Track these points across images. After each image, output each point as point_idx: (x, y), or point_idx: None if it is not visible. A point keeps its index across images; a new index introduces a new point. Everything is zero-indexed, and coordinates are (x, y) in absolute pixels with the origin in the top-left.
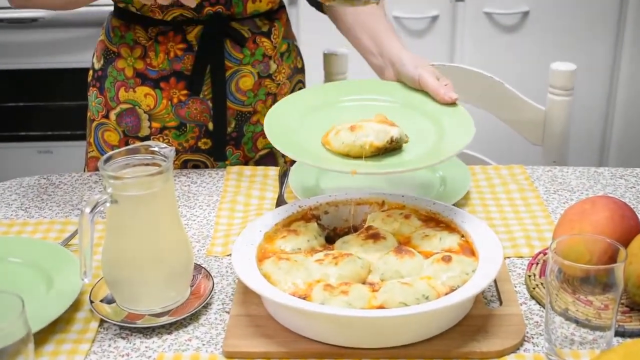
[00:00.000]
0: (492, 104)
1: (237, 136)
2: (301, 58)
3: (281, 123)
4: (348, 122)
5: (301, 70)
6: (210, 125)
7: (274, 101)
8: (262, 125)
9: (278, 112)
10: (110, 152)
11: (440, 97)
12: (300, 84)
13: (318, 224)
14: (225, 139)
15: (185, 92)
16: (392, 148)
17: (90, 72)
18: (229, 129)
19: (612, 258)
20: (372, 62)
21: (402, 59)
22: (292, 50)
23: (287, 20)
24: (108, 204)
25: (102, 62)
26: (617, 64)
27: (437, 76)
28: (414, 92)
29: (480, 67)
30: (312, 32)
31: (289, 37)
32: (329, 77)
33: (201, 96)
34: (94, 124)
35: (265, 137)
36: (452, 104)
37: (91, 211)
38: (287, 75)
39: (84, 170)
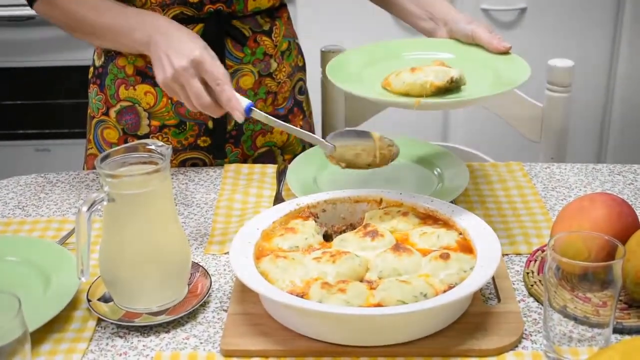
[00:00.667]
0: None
1: (236, 134)
2: (302, 56)
3: (343, 69)
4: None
5: (302, 68)
6: (210, 124)
7: (274, 100)
8: (262, 123)
9: (340, 60)
10: (108, 151)
11: (494, 47)
12: (301, 82)
13: (316, 221)
14: (224, 137)
15: None
16: (452, 88)
17: (91, 69)
18: (229, 127)
19: (611, 255)
20: (421, 26)
21: (455, 17)
22: (292, 49)
23: (288, 18)
24: (105, 203)
25: (102, 59)
26: (614, 60)
27: (489, 30)
28: (469, 46)
29: None
30: (309, 30)
31: (290, 35)
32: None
33: None
34: (94, 121)
35: (264, 135)
36: (506, 53)
37: (88, 209)
38: (288, 74)
39: (83, 168)
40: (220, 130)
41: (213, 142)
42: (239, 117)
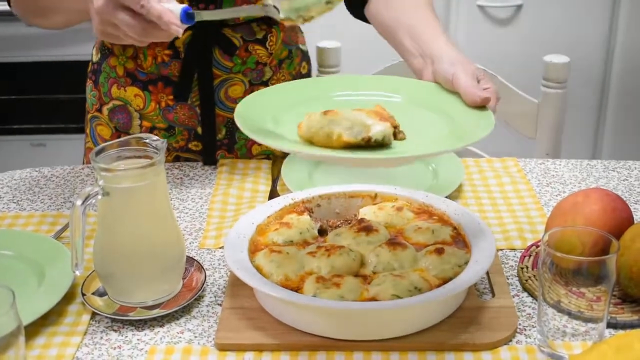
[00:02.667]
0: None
1: (229, 142)
2: (307, 63)
3: (257, 110)
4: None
5: (306, 76)
6: (199, 130)
7: None
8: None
9: (252, 100)
10: (102, 145)
11: (469, 99)
12: None
13: (310, 216)
14: (215, 144)
15: (172, 97)
16: (370, 147)
17: (90, 63)
18: (220, 136)
19: (605, 250)
20: (412, 63)
21: (442, 55)
22: (295, 57)
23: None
24: (100, 196)
25: (99, 56)
26: (610, 56)
27: (477, 77)
28: (445, 92)
29: (473, 59)
30: (304, 27)
31: (292, 42)
32: (322, 70)
33: (189, 102)
34: (89, 116)
35: (260, 144)
36: (483, 107)
37: (82, 203)
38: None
39: (83, 162)
40: (210, 137)
41: (204, 149)
42: (177, 30)
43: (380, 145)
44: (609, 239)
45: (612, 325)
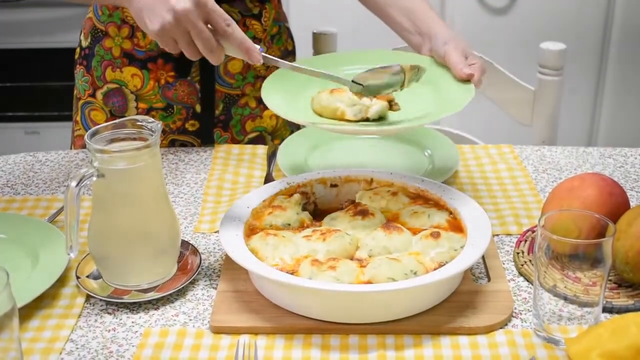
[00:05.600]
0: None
1: (225, 119)
2: (292, 40)
3: (278, 86)
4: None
5: (292, 52)
6: (198, 108)
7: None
8: (251, 108)
9: (278, 77)
10: (97, 127)
11: (456, 72)
12: None
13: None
14: (212, 121)
15: (172, 73)
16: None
17: (78, 49)
18: (217, 112)
19: (601, 234)
20: (409, 39)
21: (436, 33)
22: (282, 33)
23: (279, 1)
24: (94, 178)
25: (89, 40)
26: (606, 43)
27: (465, 54)
28: (437, 66)
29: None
30: (301, 12)
31: (280, 19)
32: None
33: (189, 78)
34: (81, 102)
35: (254, 119)
36: (467, 81)
37: (77, 185)
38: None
39: (70, 149)
40: (209, 114)
41: (201, 126)
42: (257, 57)
43: (375, 120)
44: (606, 223)
45: (608, 309)
